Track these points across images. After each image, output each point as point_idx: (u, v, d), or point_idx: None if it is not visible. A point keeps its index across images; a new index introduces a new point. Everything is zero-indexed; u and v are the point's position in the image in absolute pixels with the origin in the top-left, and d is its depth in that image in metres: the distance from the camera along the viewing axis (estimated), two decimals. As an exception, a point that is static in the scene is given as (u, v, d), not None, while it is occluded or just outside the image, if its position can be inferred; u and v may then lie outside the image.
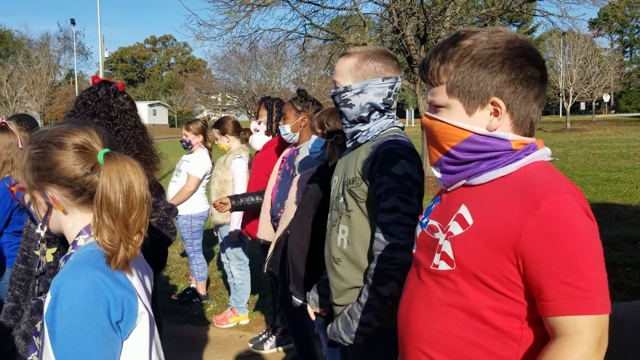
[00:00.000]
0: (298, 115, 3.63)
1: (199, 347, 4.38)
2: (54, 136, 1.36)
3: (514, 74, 1.28)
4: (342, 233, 2.10)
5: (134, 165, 1.34)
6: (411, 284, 1.44)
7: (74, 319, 1.21)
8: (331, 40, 13.94)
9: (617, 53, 56.11)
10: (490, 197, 1.27)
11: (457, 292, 1.28)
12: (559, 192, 1.19)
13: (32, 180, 1.35)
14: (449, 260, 1.29)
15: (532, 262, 1.17)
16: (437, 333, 1.31)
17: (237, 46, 15.11)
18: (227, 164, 4.76)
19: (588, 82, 39.75)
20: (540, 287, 1.17)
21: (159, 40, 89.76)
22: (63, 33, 56.67)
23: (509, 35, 1.31)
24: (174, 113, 61.86)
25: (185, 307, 5.27)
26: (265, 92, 30.45)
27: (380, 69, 2.11)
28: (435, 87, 1.35)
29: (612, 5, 16.26)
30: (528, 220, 1.17)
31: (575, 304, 1.14)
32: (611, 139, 25.76)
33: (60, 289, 1.23)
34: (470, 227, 1.27)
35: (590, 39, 41.27)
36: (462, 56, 1.30)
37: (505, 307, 1.23)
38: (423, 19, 11.96)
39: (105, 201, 1.30)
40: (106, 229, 1.30)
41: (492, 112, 1.30)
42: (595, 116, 43.97)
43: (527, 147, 1.30)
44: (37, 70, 41.18)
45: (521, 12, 13.25)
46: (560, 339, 1.15)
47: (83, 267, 1.27)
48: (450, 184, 1.37)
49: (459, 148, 1.33)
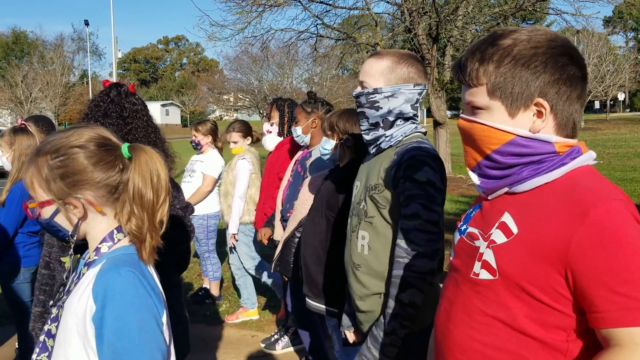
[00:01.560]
0: (308, 117, 3.65)
1: (211, 347, 4.40)
2: (72, 140, 1.34)
3: (557, 73, 1.24)
4: (362, 239, 2.07)
5: (157, 154, 1.37)
6: (449, 292, 1.40)
7: (129, 316, 1.22)
8: (343, 40, 13.95)
9: (632, 51, 55.48)
10: (535, 204, 1.23)
11: (499, 303, 1.24)
12: (608, 199, 1.14)
13: (63, 190, 1.32)
14: (491, 270, 1.25)
15: (582, 272, 1.13)
16: (480, 345, 1.27)
17: (249, 46, 15.18)
18: (233, 166, 4.80)
19: (602, 81, 39.40)
20: (591, 299, 1.12)
21: (172, 40, 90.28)
22: (77, 34, 57.25)
23: (549, 34, 1.28)
24: (187, 113, 62.16)
25: (197, 307, 5.30)
26: (277, 92, 30.52)
27: (413, 75, 2.07)
28: (473, 88, 1.31)
29: (627, 3, 16.06)
30: (577, 230, 1.13)
31: (632, 315, 1.09)
32: (626, 137, 25.49)
33: (108, 287, 1.24)
34: (515, 236, 1.23)
35: (604, 37, 40.88)
36: (502, 56, 1.26)
37: (549, 319, 1.19)
38: (435, 18, 11.92)
39: (138, 193, 1.32)
40: (135, 218, 1.32)
41: (536, 114, 1.26)
42: (610, 115, 43.56)
43: (572, 150, 1.26)
44: (51, 71, 41.56)
45: (534, 10, 13.16)
46: (615, 349, 1.10)
47: (123, 265, 1.28)
48: (491, 191, 1.33)
49: (501, 151, 1.28)
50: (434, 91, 12.91)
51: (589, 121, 38.08)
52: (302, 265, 2.76)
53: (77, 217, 1.34)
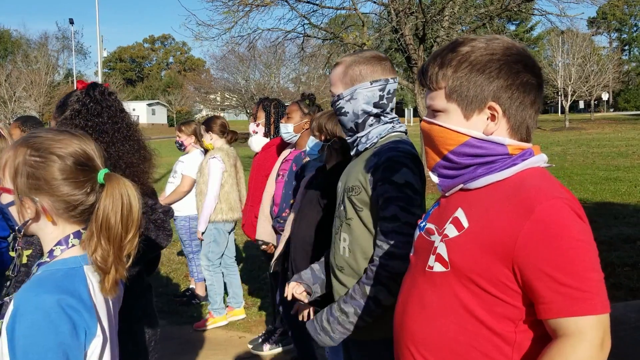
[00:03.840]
0: (303, 117, 3.64)
1: (198, 348, 4.39)
2: (56, 147, 1.33)
3: (510, 79, 1.31)
4: (344, 241, 2.08)
5: (132, 187, 1.35)
6: (406, 287, 1.46)
7: (34, 336, 1.19)
8: (330, 39, 13.94)
9: (616, 51, 56.12)
10: (486, 201, 1.30)
11: (451, 294, 1.30)
12: (553, 196, 1.21)
13: (25, 187, 1.32)
14: (443, 262, 1.31)
15: (528, 265, 1.19)
16: (432, 335, 1.33)
17: (235, 46, 15.10)
18: (204, 165, 4.80)
19: (587, 81, 39.75)
20: (538, 290, 1.18)
21: (158, 39, 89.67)
22: (62, 33, 56.75)
23: (506, 42, 1.34)
24: (173, 112, 61.77)
25: (184, 308, 5.28)
26: (264, 92, 30.42)
27: (365, 73, 2.07)
28: (433, 91, 1.38)
29: (611, 4, 16.26)
30: (523, 225, 1.19)
31: (576, 305, 1.15)
32: (610, 137, 25.79)
33: (22, 304, 1.22)
34: (466, 230, 1.29)
35: (589, 38, 41.28)
36: (460, 62, 1.33)
37: (498, 310, 1.25)
38: (422, 19, 11.96)
39: (105, 223, 1.31)
40: (101, 249, 1.30)
41: (489, 117, 1.33)
42: (594, 114, 43.97)
43: (524, 152, 1.33)
44: (35, 70, 41.07)
45: (519, 11, 13.25)
46: (562, 339, 1.16)
47: (48, 285, 1.26)
48: (448, 188, 1.39)
49: (457, 152, 1.35)
50: (421, 91, 12.95)
51: (574, 121, 38.45)
52: (292, 268, 2.77)
53: (29, 217, 1.34)
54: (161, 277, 6.23)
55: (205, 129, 4.85)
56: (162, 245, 2.32)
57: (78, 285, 1.30)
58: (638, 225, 7.84)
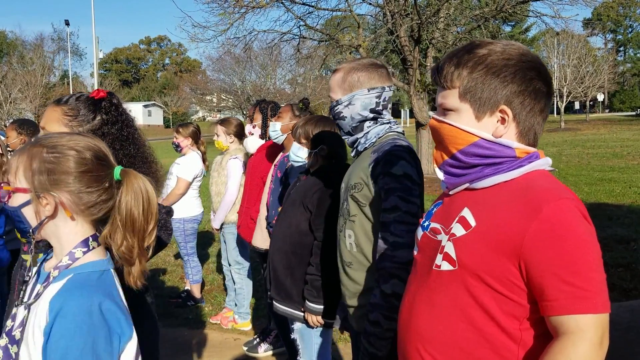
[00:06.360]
0: (293, 119, 3.65)
1: (194, 351, 4.39)
2: (72, 143, 1.36)
3: (524, 85, 1.35)
4: (349, 237, 2.15)
5: (148, 181, 1.39)
6: (412, 286, 1.48)
7: (74, 338, 1.21)
8: (326, 41, 13.96)
9: (611, 52, 56.38)
10: (492, 201, 1.32)
11: (459, 293, 1.32)
12: (560, 197, 1.24)
13: (45, 183, 1.32)
14: (451, 261, 1.34)
15: (534, 264, 1.22)
16: (439, 333, 1.35)
17: (231, 47, 15.12)
18: (224, 165, 4.80)
19: (582, 82, 39.93)
20: (542, 288, 1.22)
21: (154, 40, 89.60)
22: (57, 34, 56.79)
23: (521, 49, 1.38)
24: (169, 114, 61.75)
25: (179, 310, 5.28)
26: (261, 93, 30.44)
27: (364, 80, 2.18)
28: (447, 90, 1.40)
29: (605, 5, 16.32)
30: (530, 224, 1.22)
31: (578, 304, 1.18)
32: (605, 138, 25.88)
33: (64, 306, 1.23)
34: (473, 228, 1.32)
35: (584, 39, 41.50)
36: (477, 63, 1.36)
37: (505, 308, 1.28)
38: (417, 20, 11.99)
39: (130, 217, 1.34)
40: (127, 242, 1.34)
41: (499, 120, 1.36)
42: (589, 115, 44.14)
43: (530, 155, 1.36)
44: (31, 72, 40.95)
45: (514, 13, 13.30)
46: (563, 337, 1.19)
47: (89, 288, 1.28)
48: (453, 187, 1.42)
49: (465, 152, 1.38)
50: (416, 93, 12.98)
51: (569, 122, 38.58)
52: (270, 270, 2.79)
53: (45, 215, 1.34)
54: (157, 279, 6.24)
55: (226, 131, 4.85)
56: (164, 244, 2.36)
57: (112, 289, 1.33)
58: (632, 226, 7.88)
